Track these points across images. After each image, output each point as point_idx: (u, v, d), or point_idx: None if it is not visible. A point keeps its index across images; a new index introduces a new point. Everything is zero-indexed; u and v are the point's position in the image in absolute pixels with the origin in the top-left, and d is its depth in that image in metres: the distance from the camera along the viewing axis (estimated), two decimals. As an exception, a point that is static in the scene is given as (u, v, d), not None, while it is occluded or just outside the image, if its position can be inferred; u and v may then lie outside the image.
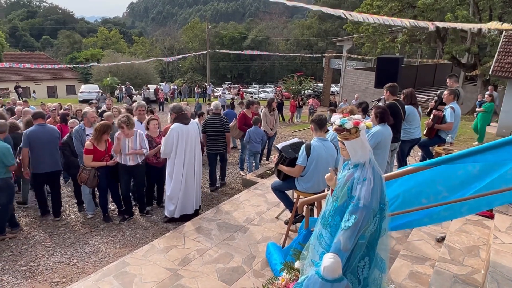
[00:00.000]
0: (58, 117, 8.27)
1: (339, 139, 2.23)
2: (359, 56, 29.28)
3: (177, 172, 5.20)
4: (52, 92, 38.92)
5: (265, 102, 11.95)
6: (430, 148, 6.69)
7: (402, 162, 6.03)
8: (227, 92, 30.69)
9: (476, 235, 3.65)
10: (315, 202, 4.05)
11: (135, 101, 18.41)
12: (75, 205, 6.19)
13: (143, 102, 6.83)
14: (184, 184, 5.23)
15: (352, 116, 2.19)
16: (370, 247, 2.20)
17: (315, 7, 8.53)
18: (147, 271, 3.87)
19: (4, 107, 10.69)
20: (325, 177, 2.53)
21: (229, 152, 7.31)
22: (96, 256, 4.53)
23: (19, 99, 20.78)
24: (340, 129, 2.17)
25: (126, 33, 73.51)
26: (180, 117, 5.22)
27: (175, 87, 30.63)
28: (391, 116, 4.71)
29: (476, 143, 9.82)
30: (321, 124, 4.10)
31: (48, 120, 7.97)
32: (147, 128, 6.00)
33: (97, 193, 5.89)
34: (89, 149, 5.13)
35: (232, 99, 19.03)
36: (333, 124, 2.22)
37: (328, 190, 4.45)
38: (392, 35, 23.28)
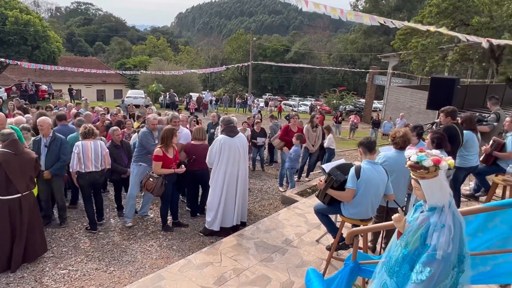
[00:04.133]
0: (107, 121, 8.51)
1: (414, 177, 1.99)
2: (405, 73, 28.39)
3: (216, 183, 5.17)
4: (101, 96, 40.82)
5: (303, 115, 11.80)
6: (486, 177, 6.22)
7: (455, 191, 5.60)
8: (261, 104, 29.68)
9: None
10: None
11: (179, 109, 18.66)
12: (115, 209, 6.27)
13: (177, 114, 6.78)
14: (224, 197, 5.15)
15: (430, 151, 1.95)
16: (444, 305, 1.92)
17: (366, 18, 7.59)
18: (182, 288, 3.77)
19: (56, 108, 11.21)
20: (393, 217, 2.27)
21: None
22: (133, 266, 4.50)
23: (72, 101, 21.93)
24: (417, 167, 1.93)
25: (173, 42, 76.04)
26: (227, 129, 5.18)
27: (212, 98, 29.61)
28: (448, 141, 4.39)
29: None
30: (370, 147, 3.85)
31: (98, 123, 8.20)
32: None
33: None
34: (159, 155, 5.12)
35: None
36: (408, 159, 1.98)
37: (373, 218, 4.18)
38: (443, 53, 22.35)
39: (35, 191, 4.86)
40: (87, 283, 4.12)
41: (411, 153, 1.97)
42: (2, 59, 18.91)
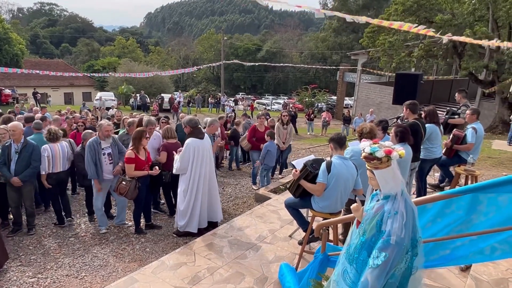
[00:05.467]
0: (74, 124, 8.29)
1: (368, 167, 2.08)
2: (374, 70, 29.10)
3: (191, 188, 5.06)
4: (69, 99, 39.58)
5: (277, 114, 11.89)
6: (450, 168, 6.50)
7: (421, 182, 5.84)
8: (231, 103, 28.49)
9: (505, 266, 3.44)
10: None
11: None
12: (86, 214, 6.15)
13: (153, 120, 6.59)
14: (200, 200, 5.11)
15: (383, 143, 2.04)
16: (400, 287, 2.03)
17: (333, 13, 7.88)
18: (156, 289, 3.75)
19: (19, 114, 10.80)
20: (351, 207, 2.37)
21: None
22: (105, 270, 4.43)
23: (37, 105, 21.19)
24: (370, 158, 2.02)
25: (142, 43, 74.71)
26: (196, 131, 5.13)
27: (180, 99, 28.13)
28: (411, 135, 4.57)
29: None
30: (340, 143, 3.97)
31: (65, 127, 7.99)
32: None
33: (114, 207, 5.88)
34: (131, 157, 5.03)
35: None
36: (363, 151, 2.07)
37: (344, 211, 4.30)
38: (408, 50, 23.06)
39: None
40: (57, 290, 4.03)
41: (365, 145, 2.07)
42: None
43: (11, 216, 5.66)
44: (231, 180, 8.46)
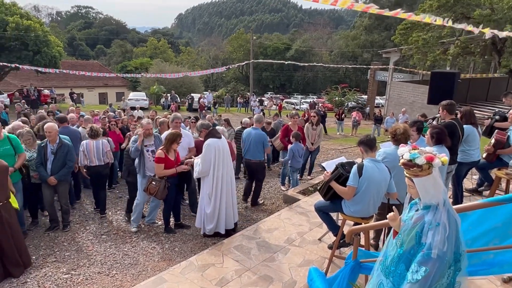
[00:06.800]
0: (108, 124, 8.52)
1: (407, 175, 1.96)
2: (406, 69, 28.21)
3: (216, 190, 5.02)
4: (103, 99, 40.90)
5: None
6: (489, 171, 6.17)
7: (457, 186, 5.56)
8: (255, 103, 26.90)
9: (552, 279, 3.20)
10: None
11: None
12: (118, 212, 6.29)
13: (179, 114, 6.72)
14: (225, 201, 5.09)
15: (423, 148, 1.92)
16: (441, 303, 1.90)
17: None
18: (184, 290, 3.76)
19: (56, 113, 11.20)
20: (388, 216, 2.24)
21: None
22: (135, 269, 4.50)
23: (73, 105, 21.97)
24: (410, 165, 1.90)
25: (173, 43, 76.04)
26: (213, 131, 5.11)
27: (205, 99, 27.00)
28: (448, 136, 4.35)
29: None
30: (370, 145, 3.82)
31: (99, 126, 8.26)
32: None
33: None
34: (161, 157, 5.09)
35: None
36: (401, 157, 1.95)
37: (376, 215, 4.15)
38: (444, 47, 22.17)
39: (14, 202, 4.55)
40: (90, 287, 4.13)
41: (404, 151, 1.94)
42: (5, 63, 19.24)
43: (45, 215, 5.90)
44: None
